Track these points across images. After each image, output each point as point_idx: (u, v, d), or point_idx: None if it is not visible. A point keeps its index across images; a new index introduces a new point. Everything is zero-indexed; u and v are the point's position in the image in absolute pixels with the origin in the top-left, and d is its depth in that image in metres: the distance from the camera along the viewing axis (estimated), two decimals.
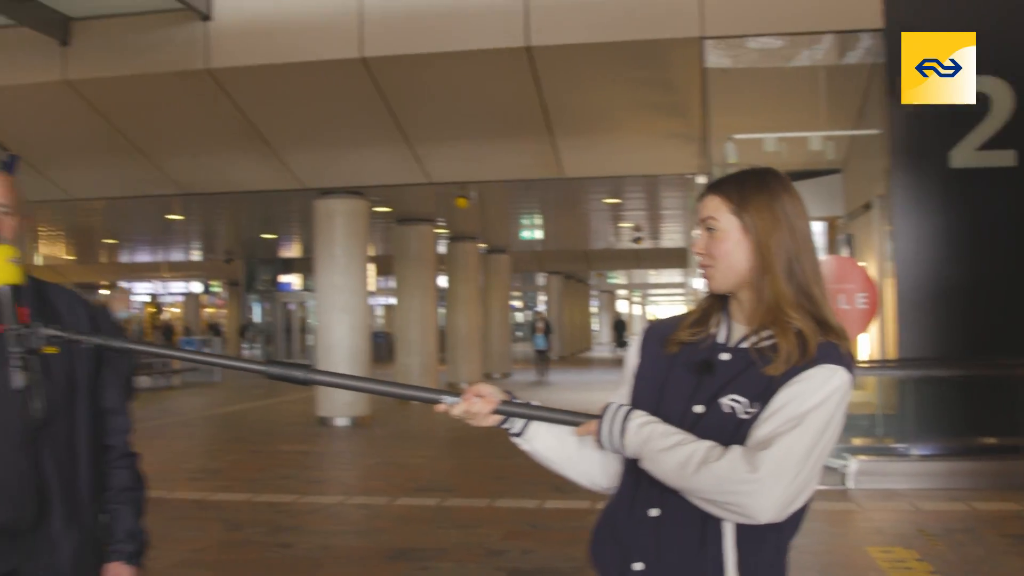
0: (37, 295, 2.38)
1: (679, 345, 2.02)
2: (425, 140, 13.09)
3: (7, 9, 10.51)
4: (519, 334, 57.27)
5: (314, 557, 6.77)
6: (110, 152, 13.65)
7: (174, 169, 14.32)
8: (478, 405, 2.02)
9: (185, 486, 9.45)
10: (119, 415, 2.52)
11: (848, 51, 10.46)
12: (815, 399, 1.83)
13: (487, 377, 25.17)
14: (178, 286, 39.58)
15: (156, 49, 11.18)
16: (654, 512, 1.94)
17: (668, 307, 61.16)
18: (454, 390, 2.07)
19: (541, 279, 43.55)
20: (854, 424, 9.99)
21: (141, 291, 40.48)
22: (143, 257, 33.86)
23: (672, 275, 41.73)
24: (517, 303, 58.92)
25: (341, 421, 14.90)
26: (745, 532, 1.88)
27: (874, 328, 10.34)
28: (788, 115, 11.11)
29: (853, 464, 8.81)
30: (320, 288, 15.59)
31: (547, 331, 28.10)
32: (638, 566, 1.94)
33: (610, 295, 58.50)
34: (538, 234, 25.12)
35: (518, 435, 2.10)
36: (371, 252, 23.14)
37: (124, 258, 34.09)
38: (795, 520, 1.93)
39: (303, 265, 32.36)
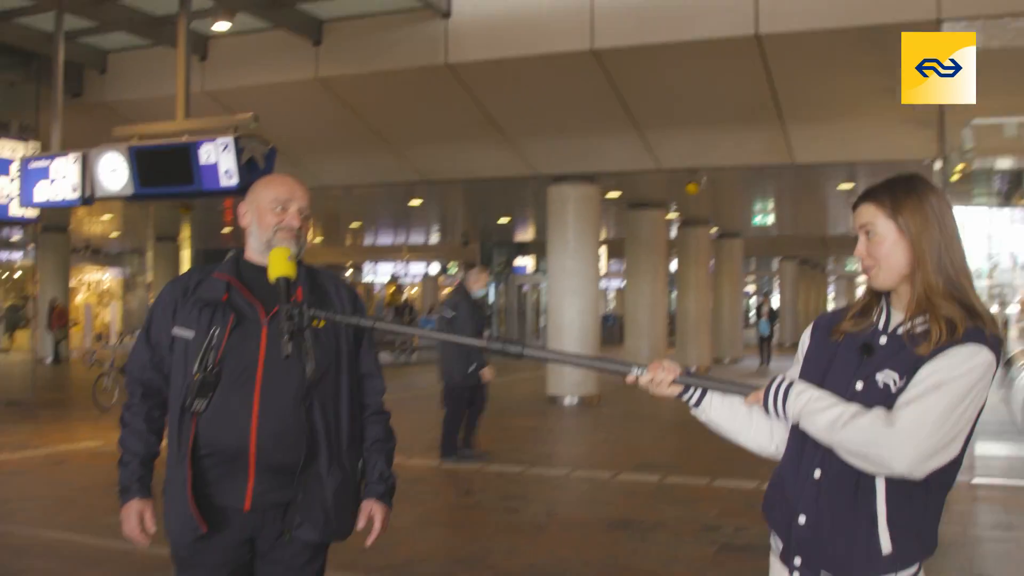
0: (310, 280, 2.91)
1: (843, 334, 2.31)
2: (655, 127, 13.35)
3: (266, 14, 11.55)
4: (751, 319, 56.50)
5: (539, 523, 7.24)
6: (357, 143, 14.66)
7: (416, 158, 15.19)
8: (662, 374, 2.37)
9: (422, 454, 10.15)
10: (375, 378, 3.03)
11: None
12: (957, 371, 2.08)
13: (717, 362, 25.17)
14: (417, 267, 41.33)
15: (400, 46, 11.98)
16: (817, 474, 2.24)
17: None
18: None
19: (775, 264, 42.83)
20: None
21: (383, 272, 42.52)
22: (385, 240, 35.56)
23: None
24: (750, 288, 58.11)
25: (569, 400, 15.43)
26: (894, 491, 2.14)
27: None
28: None
29: None
30: (552, 271, 16.14)
31: (772, 316, 26.87)
32: (802, 519, 2.25)
33: (849, 281, 56.69)
34: (770, 219, 24.82)
35: (696, 406, 2.43)
36: (602, 236, 23.60)
37: (368, 241, 35.94)
38: (942, 481, 2.17)
39: (537, 248, 33.17)
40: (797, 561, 2.29)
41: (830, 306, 54.49)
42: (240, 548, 2.81)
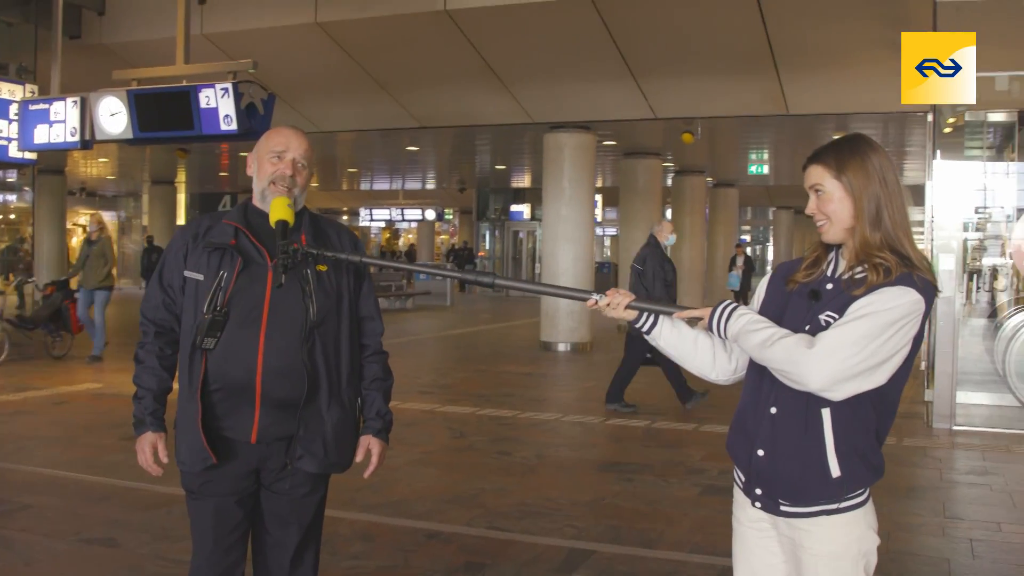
0: (313, 226, 3.07)
1: (796, 283, 2.51)
2: (651, 76, 13.41)
3: None
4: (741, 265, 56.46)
5: (530, 464, 7.46)
6: (355, 88, 14.69)
7: (413, 104, 15.24)
8: (618, 298, 2.60)
9: (417, 398, 10.36)
10: (374, 320, 3.20)
11: None
12: (882, 306, 2.29)
13: None
14: (413, 213, 41.33)
15: None
16: (773, 410, 2.46)
17: None
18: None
19: (771, 214, 42.94)
20: None
21: (378, 217, 42.55)
22: (381, 185, 35.58)
23: (912, 213, 40.20)
24: (746, 237, 58.18)
25: (563, 347, 15.64)
26: (838, 420, 2.37)
27: None
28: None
29: None
30: (547, 219, 16.28)
31: (747, 269, 24.21)
32: (760, 452, 2.47)
33: None
34: (766, 169, 24.89)
35: (648, 332, 2.63)
36: (598, 184, 23.64)
37: (364, 186, 35.96)
38: (881, 410, 2.40)
39: (533, 195, 33.23)
40: (758, 491, 2.51)
41: None
42: (247, 478, 2.99)
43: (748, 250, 52.99)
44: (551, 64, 13.44)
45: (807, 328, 2.39)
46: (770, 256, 53.26)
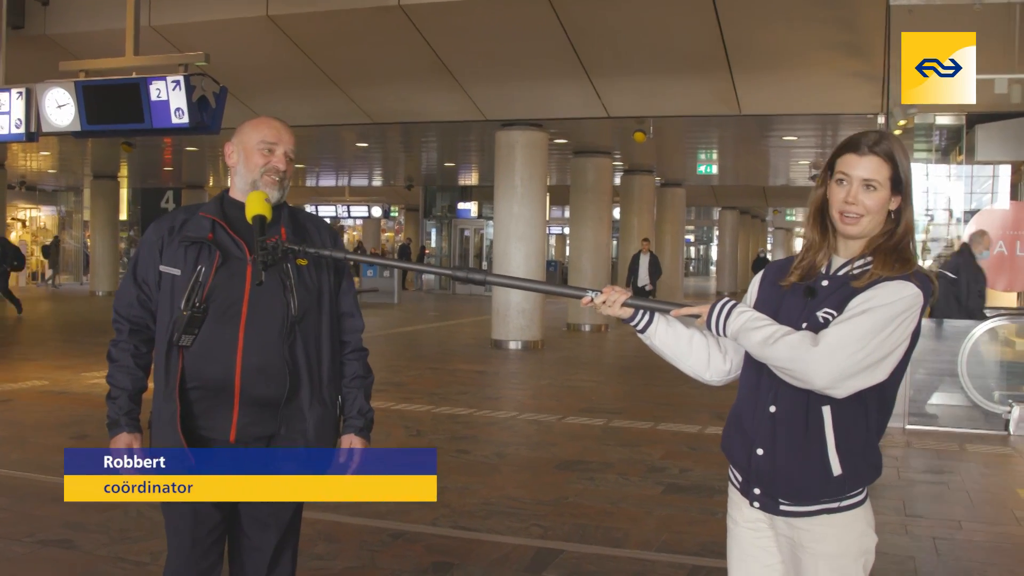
0: (292, 220, 3.00)
1: (790, 283, 2.49)
2: (605, 75, 13.41)
3: None
4: (692, 268, 57.11)
5: (490, 463, 7.41)
6: (306, 84, 14.50)
7: (365, 100, 15.09)
8: (614, 295, 2.56)
9: (374, 396, 10.24)
10: (354, 317, 3.14)
11: None
12: (883, 300, 2.28)
13: None
14: (359, 210, 41.10)
15: None
16: (772, 408, 2.43)
17: None
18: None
19: (716, 214, 43.30)
20: (1019, 372, 10.00)
21: (324, 214, 42.29)
22: (327, 182, 35.27)
23: None
24: (691, 237, 58.67)
25: (514, 345, 15.61)
26: (839, 417, 2.35)
27: None
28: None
29: (1016, 411, 8.88)
30: (499, 217, 16.22)
31: (652, 266, 20.74)
32: (760, 451, 2.45)
33: (787, 232, 57.53)
34: (714, 169, 25.06)
35: (642, 331, 2.59)
36: (548, 183, 23.59)
37: (310, 182, 35.61)
38: (880, 406, 2.40)
39: (480, 193, 33.18)
40: (757, 491, 2.48)
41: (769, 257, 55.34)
42: None
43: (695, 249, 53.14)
44: (505, 61, 13.39)
45: (804, 326, 2.37)
46: (714, 255, 53.73)
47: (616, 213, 25.40)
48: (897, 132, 10.94)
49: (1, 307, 22.22)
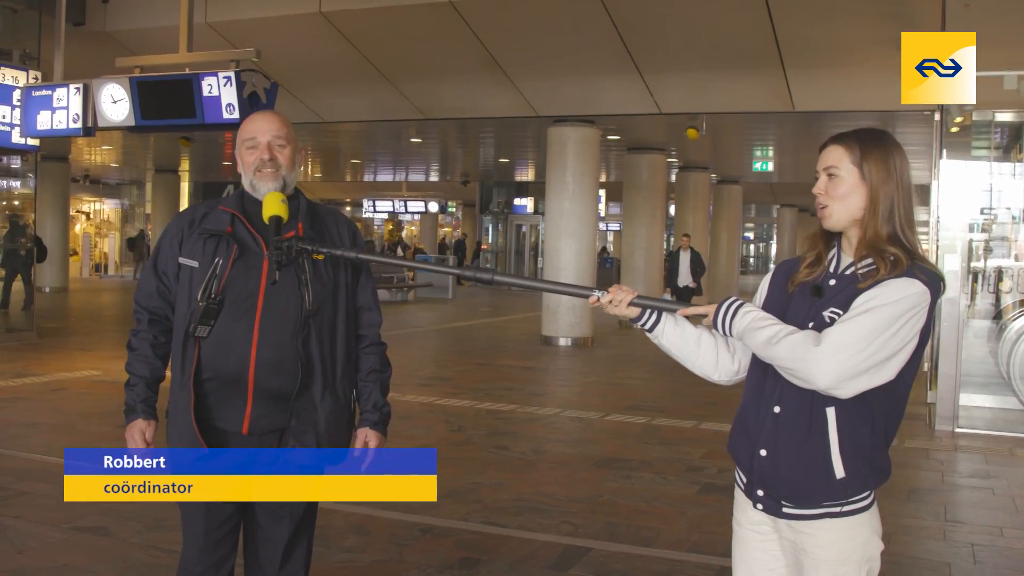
0: (310, 215, 3.02)
1: (798, 283, 2.46)
2: (656, 70, 13.34)
3: None
4: (751, 265, 56.58)
5: (527, 460, 7.42)
6: (359, 79, 14.63)
7: (417, 95, 15.18)
8: (620, 295, 2.54)
9: (415, 391, 10.33)
10: (371, 311, 3.14)
11: None
12: (887, 299, 2.25)
13: None
14: (416, 205, 41.26)
15: None
16: (777, 409, 2.40)
17: None
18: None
19: (774, 211, 42.87)
20: None
21: (381, 209, 42.54)
22: (385, 177, 35.50)
23: (918, 213, 40.02)
24: (750, 234, 58.16)
25: (564, 341, 15.59)
26: (843, 420, 2.32)
27: None
28: None
29: None
30: (550, 213, 16.22)
31: (695, 263, 18.48)
32: (763, 452, 2.42)
33: None
34: (770, 166, 24.79)
35: (650, 331, 2.58)
36: (602, 179, 23.54)
37: (367, 177, 35.88)
38: (887, 409, 2.35)
39: (536, 189, 33.17)
40: (760, 493, 2.46)
41: None
42: None
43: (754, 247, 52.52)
44: (555, 57, 13.38)
45: (811, 325, 2.35)
46: (773, 253, 53.17)
47: (671, 210, 25.26)
48: (954, 130, 10.76)
49: (63, 297, 22.73)
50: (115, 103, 9.19)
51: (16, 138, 12.25)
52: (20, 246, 15.24)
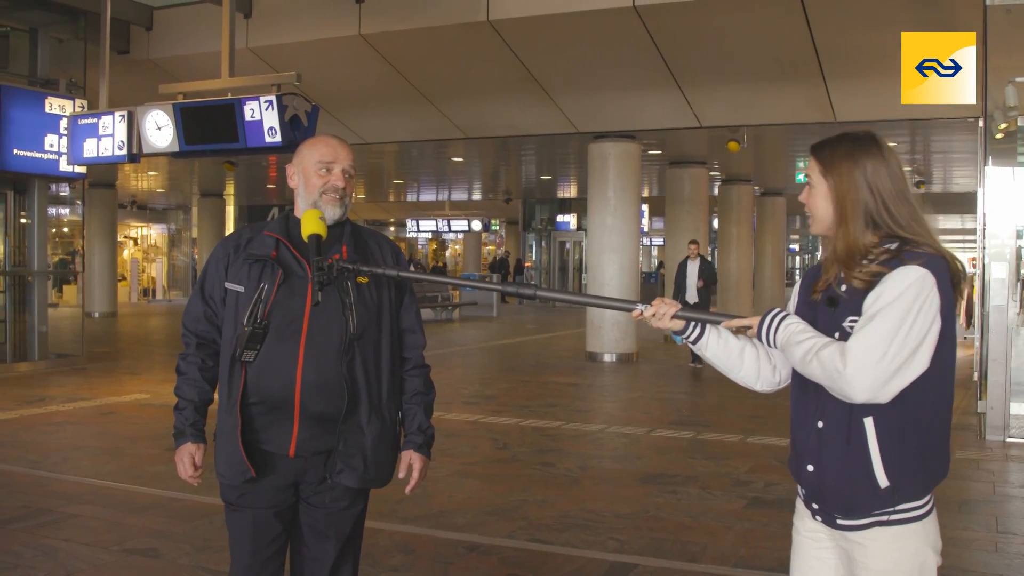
0: (354, 237, 3.05)
1: (820, 292, 2.46)
2: (696, 84, 13.32)
3: None
4: (796, 277, 56.06)
5: (573, 476, 7.40)
6: (399, 100, 14.75)
7: (457, 115, 15.27)
8: (663, 308, 2.55)
9: (461, 409, 10.35)
10: (415, 334, 3.17)
11: None
12: (892, 295, 2.24)
13: None
14: (460, 224, 41.45)
15: (442, 2, 12.06)
16: (820, 424, 2.41)
17: (958, 254, 58.00)
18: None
19: None
20: None
21: (424, 228, 42.76)
22: (428, 196, 35.70)
23: (964, 220, 39.49)
24: (795, 246, 57.69)
25: (608, 357, 15.56)
26: (882, 428, 2.30)
27: None
28: None
29: None
30: (592, 228, 16.21)
31: (706, 276, 15.28)
32: (810, 468, 2.43)
33: None
34: None
35: (694, 343, 2.59)
36: (644, 194, 23.48)
37: (411, 197, 36.10)
38: (925, 405, 2.32)
39: (579, 205, 33.18)
40: (815, 506, 2.48)
41: None
42: (285, 491, 2.98)
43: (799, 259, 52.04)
44: (594, 73, 13.41)
45: (837, 336, 2.34)
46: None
47: (715, 223, 25.13)
48: (998, 136, 10.64)
49: (112, 322, 23.05)
50: (159, 129, 9.34)
51: (64, 166, 12.52)
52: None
